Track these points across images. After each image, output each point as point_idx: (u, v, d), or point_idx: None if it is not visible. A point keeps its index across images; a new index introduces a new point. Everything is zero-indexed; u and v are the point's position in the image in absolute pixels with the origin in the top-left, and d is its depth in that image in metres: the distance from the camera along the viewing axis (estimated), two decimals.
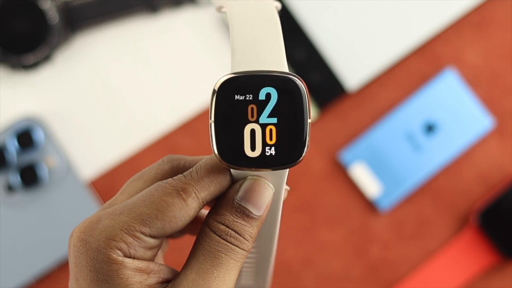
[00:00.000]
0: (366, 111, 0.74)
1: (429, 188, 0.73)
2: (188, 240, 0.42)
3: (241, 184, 0.35)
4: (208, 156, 0.35)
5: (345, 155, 0.73)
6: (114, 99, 0.73)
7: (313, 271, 0.73)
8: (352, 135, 0.74)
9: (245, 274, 0.43)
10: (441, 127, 0.73)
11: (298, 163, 0.33)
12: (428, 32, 0.73)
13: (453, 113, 0.73)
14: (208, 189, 0.34)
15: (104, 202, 0.71)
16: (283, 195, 0.36)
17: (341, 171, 0.73)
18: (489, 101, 0.74)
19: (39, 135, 0.71)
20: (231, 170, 0.34)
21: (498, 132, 0.73)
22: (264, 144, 0.33)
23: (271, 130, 0.33)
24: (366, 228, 0.73)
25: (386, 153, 0.73)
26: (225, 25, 0.74)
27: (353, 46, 0.74)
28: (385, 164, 0.73)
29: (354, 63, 0.73)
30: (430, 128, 0.73)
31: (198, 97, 0.73)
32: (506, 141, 0.73)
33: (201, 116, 0.74)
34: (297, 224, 0.73)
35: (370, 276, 0.72)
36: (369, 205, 0.73)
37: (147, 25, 0.74)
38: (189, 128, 0.73)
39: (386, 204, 0.72)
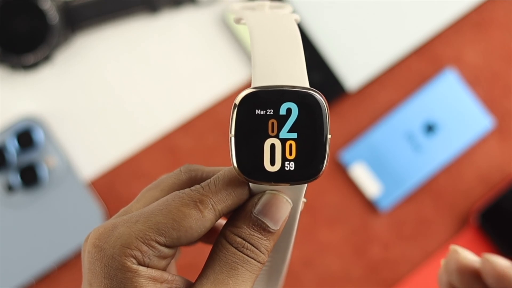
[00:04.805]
0: (366, 111, 0.74)
1: (429, 188, 0.73)
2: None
3: (260, 198, 0.35)
4: (226, 168, 0.35)
5: (345, 155, 0.73)
6: (114, 99, 0.73)
7: (313, 271, 0.73)
8: (352, 135, 0.74)
9: (258, 278, 0.43)
10: (441, 127, 0.73)
11: (316, 178, 0.33)
12: (428, 32, 0.74)
13: (453, 113, 0.73)
14: (225, 201, 0.34)
15: (104, 202, 0.71)
16: (300, 208, 0.36)
17: (341, 171, 0.74)
18: (489, 101, 0.74)
19: (39, 135, 0.71)
20: (250, 183, 0.34)
21: (498, 132, 0.74)
22: (284, 159, 0.33)
23: (291, 145, 0.33)
24: (366, 228, 0.73)
25: (386, 153, 0.73)
26: (225, 25, 0.74)
27: (353, 46, 0.74)
28: (385, 164, 0.73)
29: (354, 63, 0.73)
30: (430, 128, 0.73)
31: (198, 97, 0.73)
32: (506, 141, 0.74)
33: (201, 116, 0.73)
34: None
35: (370, 276, 0.73)
36: (369, 205, 0.73)
37: (147, 25, 0.74)
38: (189, 128, 0.73)
39: (386, 204, 0.73)
